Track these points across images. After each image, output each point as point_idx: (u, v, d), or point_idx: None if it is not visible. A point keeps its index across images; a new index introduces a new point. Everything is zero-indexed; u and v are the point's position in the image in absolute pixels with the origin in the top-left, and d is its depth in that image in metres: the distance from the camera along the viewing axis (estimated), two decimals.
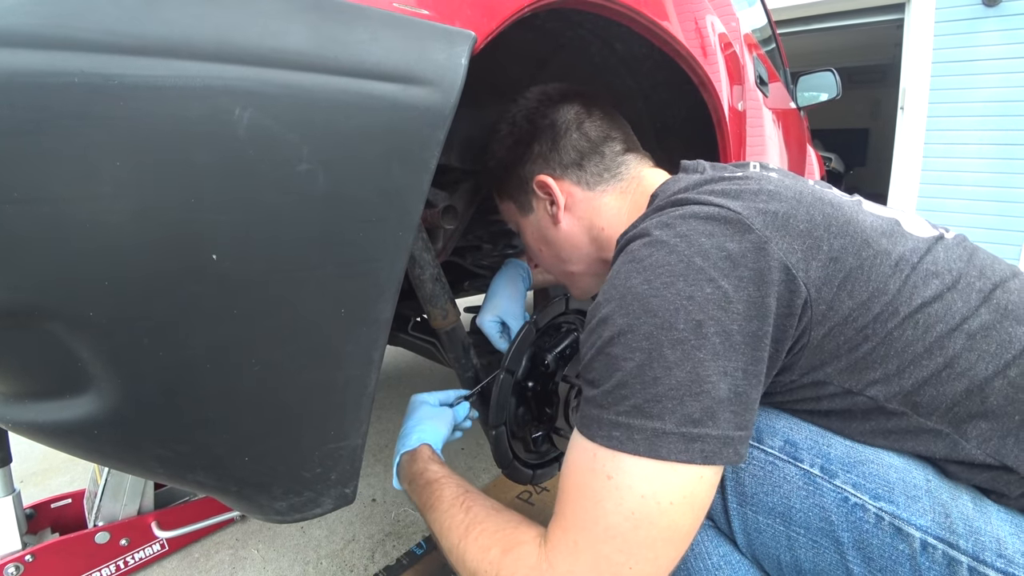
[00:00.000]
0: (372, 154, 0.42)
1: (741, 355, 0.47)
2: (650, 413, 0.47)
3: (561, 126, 0.73)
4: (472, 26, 0.48)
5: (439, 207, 0.85)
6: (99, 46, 0.32)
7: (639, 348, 0.48)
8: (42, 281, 0.34)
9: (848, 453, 0.51)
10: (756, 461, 0.53)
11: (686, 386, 0.46)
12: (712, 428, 0.46)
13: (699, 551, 0.57)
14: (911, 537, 0.47)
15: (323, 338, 0.45)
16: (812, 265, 0.49)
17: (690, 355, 0.46)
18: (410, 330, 1.28)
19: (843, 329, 0.50)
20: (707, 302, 0.47)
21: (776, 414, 0.55)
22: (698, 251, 0.49)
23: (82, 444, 0.44)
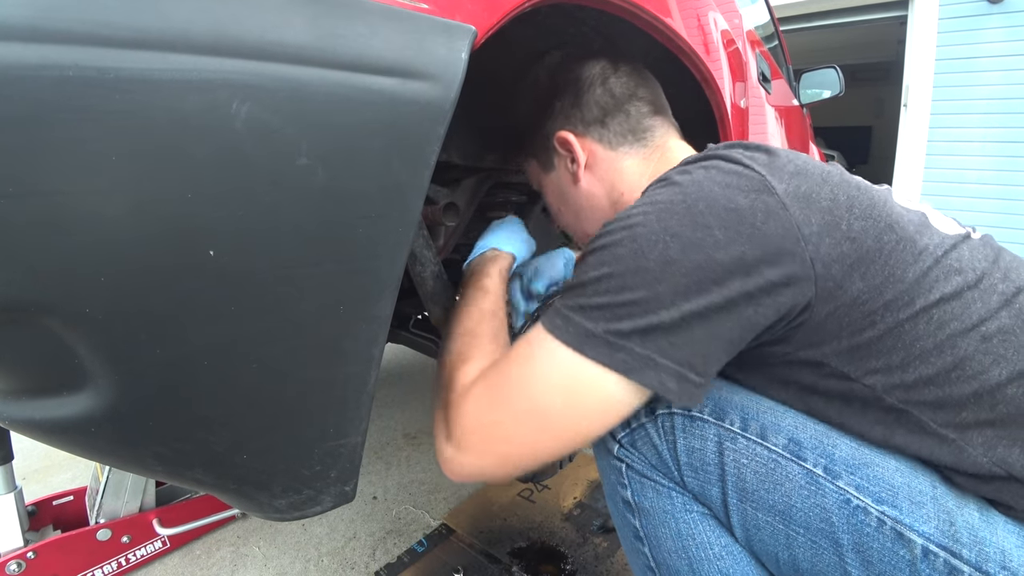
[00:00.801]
0: (371, 149, 0.42)
1: (704, 301, 0.47)
2: (589, 315, 0.49)
3: (585, 81, 0.72)
4: (473, 21, 0.48)
5: (440, 204, 0.84)
6: (94, 39, 0.31)
7: (606, 263, 0.50)
8: (38, 277, 0.34)
9: (853, 455, 0.50)
10: (759, 458, 0.53)
11: (630, 306, 0.48)
12: (638, 346, 0.47)
13: (701, 541, 0.57)
14: (913, 543, 0.46)
15: (322, 335, 0.45)
16: (825, 241, 0.49)
17: (649, 286, 0.48)
18: (411, 327, 1.28)
19: (849, 311, 0.49)
20: (691, 245, 0.48)
21: (783, 412, 0.54)
22: (706, 197, 0.50)
23: (80, 442, 0.43)
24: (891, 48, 5.01)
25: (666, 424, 0.56)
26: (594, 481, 1.41)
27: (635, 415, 0.58)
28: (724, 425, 0.54)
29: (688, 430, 0.55)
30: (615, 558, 1.12)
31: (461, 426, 0.54)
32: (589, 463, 1.50)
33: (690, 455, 0.55)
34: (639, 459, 0.58)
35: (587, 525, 1.23)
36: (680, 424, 0.56)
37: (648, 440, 0.57)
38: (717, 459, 0.54)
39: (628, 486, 0.60)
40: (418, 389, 2.11)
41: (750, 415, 0.54)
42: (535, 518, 1.26)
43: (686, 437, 0.55)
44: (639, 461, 0.58)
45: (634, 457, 0.59)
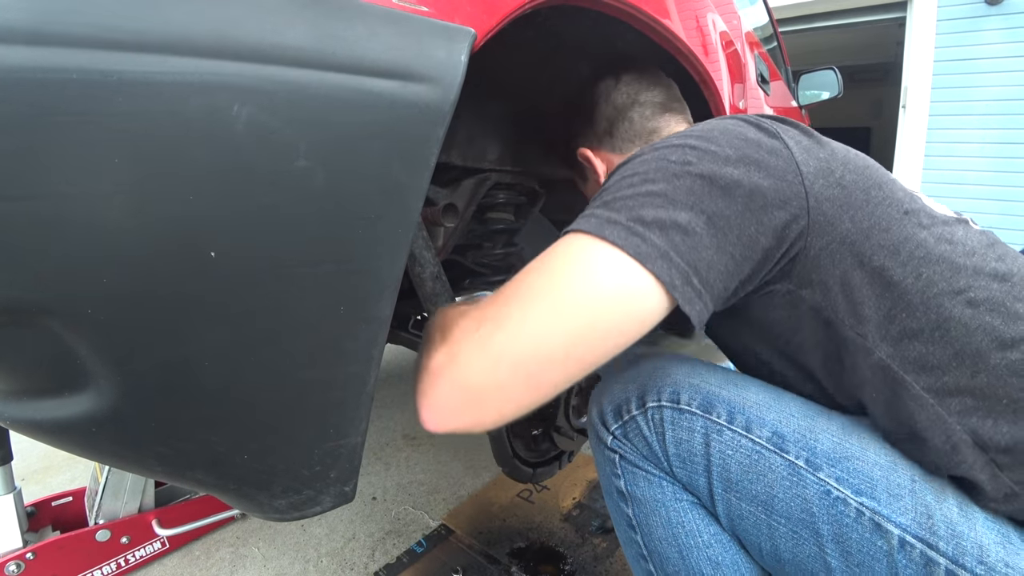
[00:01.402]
0: (371, 151, 0.42)
1: (713, 207, 0.50)
2: (612, 207, 0.51)
3: (589, 102, 0.82)
4: (472, 23, 0.48)
5: (439, 205, 0.85)
6: (97, 42, 0.31)
7: (629, 172, 0.54)
8: (40, 278, 0.34)
9: (834, 448, 0.52)
10: (743, 449, 0.54)
11: (652, 196, 0.50)
12: (656, 236, 0.48)
13: (690, 529, 0.58)
14: (889, 534, 0.48)
15: (323, 336, 0.45)
16: (819, 182, 0.53)
17: (669, 180, 0.51)
18: (410, 328, 1.28)
19: (840, 248, 0.53)
20: (706, 155, 0.52)
21: (768, 406, 0.56)
22: (719, 127, 0.56)
23: (81, 442, 0.43)
24: (890, 49, 5.02)
25: (655, 416, 0.58)
26: (593, 481, 1.41)
27: (627, 408, 0.60)
28: (711, 418, 0.56)
29: (676, 422, 0.57)
30: (614, 558, 1.12)
31: (455, 345, 0.50)
32: (588, 463, 1.50)
33: (678, 446, 0.57)
34: (631, 450, 0.60)
35: (586, 525, 1.23)
36: (669, 416, 0.58)
37: (639, 432, 0.60)
38: (704, 450, 0.56)
39: (621, 476, 0.62)
40: None
41: (736, 409, 0.56)
42: (534, 519, 1.26)
43: (674, 429, 0.57)
44: (631, 452, 0.61)
45: (627, 448, 0.61)
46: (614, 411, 0.62)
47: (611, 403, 0.62)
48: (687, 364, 0.63)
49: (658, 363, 0.63)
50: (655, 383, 0.60)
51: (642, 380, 0.61)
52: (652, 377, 0.61)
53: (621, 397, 0.62)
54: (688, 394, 0.58)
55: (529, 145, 1.08)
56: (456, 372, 0.49)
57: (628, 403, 0.61)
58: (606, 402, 0.63)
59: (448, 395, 0.49)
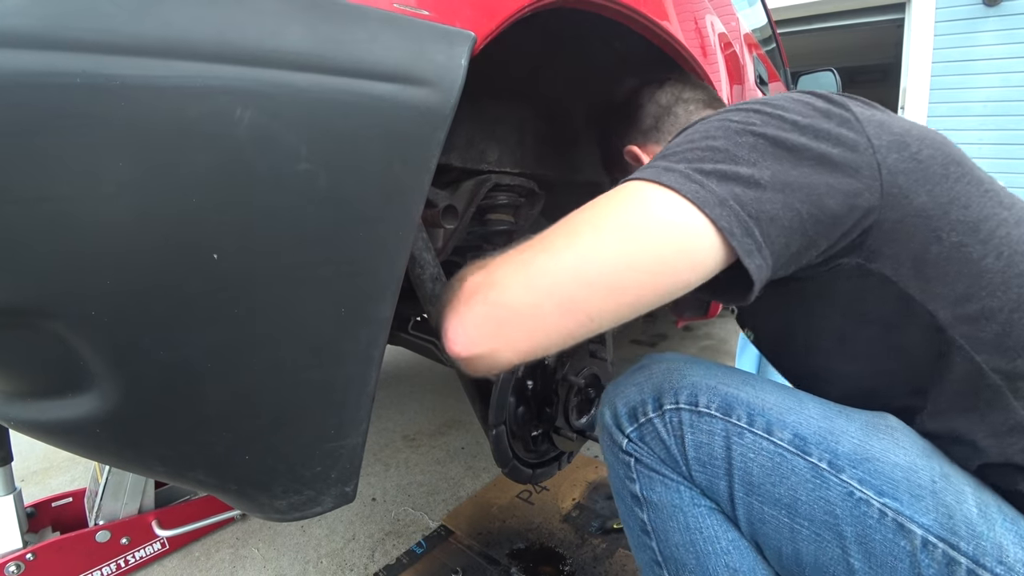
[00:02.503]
0: (372, 154, 0.42)
1: (779, 168, 0.48)
2: (669, 159, 0.50)
3: (633, 104, 0.85)
4: (472, 26, 0.49)
5: (439, 207, 0.85)
6: (101, 47, 0.32)
7: (689, 132, 0.53)
8: (44, 281, 0.34)
9: (856, 449, 0.51)
10: (765, 452, 0.53)
11: (712, 151, 0.49)
12: (715, 184, 0.47)
13: (708, 535, 0.57)
14: (912, 534, 0.47)
15: (323, 337, 0.45)
16: (893, 155, 0.52)
17: (730, 138, 0.50)
18: (410, 329, 1.28)
19: (916, 221, 0.51)
20: (771, 120, 0.51)
21: (788, 408, 0.55)
22: (784, 97, 0.55)
23: (83, 442, 0.44)
24: (888, 51, 5.03)
25: (674, 419, 0.57)
26: (592, 482, 1.41)
27: (643, 410, 0.59)
28: (731, 420, 0.55)
29: (696, 425, 0.56)
30: (613, 559, 1.12)
31: (493, 267, 0.51)
32: (587, 464, 1.50)
33: (698, 449, 0.56)
34: (647, 453, 0.59)
35: (586, 526, 1.23)
36: (688, 419, 0.56)
37: (656, 435, 0.58)
38: (724, 453, 0.55)
39: (636, 480, 0.60)
40: (417, 391, 2.11)
41: (755, 411, 0.55)
42: (534, 519, 1.26)
43: (694, 432, 0.56)
44: (647, 455, 0.59)
45: (643, 451, 0.59)
46: (629, 413, 0.60)
47: (626, 405, 0.61)
48: (702, 365, 0.61)
49: (672, 365, 0.62)
50: (671, 385, 0.59)
51: (657, 382, 0.60)
52: (668, 379, 0.59)
53: (636, 399, 0.60)
54: (707, 396, 0.57)
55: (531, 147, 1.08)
56: (492, 290, 0.48)
57: (644, 405, 0.59)
58: (620, 404, 0.61)
59: (481, 313, 0.48)
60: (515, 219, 1.05)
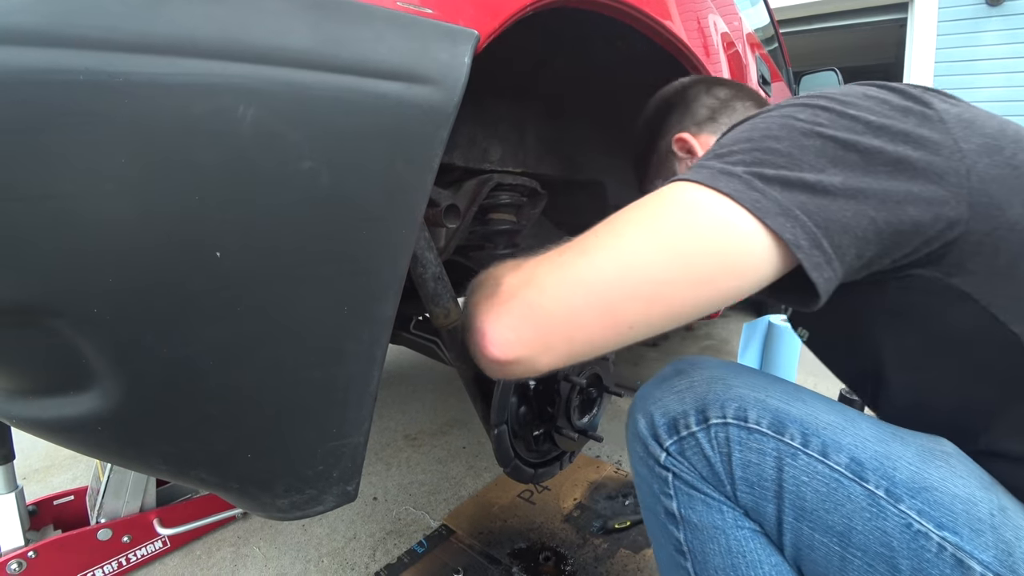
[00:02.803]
0: (375, 152, 0.42)
1: (852, 177, 0.44)
2: (726, 160, 0.46)
3: (691, 94, 0.82)
4: (475, 25, 0.49)
5: (442, 206, 0.85)
6: (104, 44, 0.32)
7: (748, 127, 0.49)
8: (47, 279, 0.34)
9: (913, 478, 0.48)
10: (820, 476, 0.50)
11: (774, 155, 0.45)
12: (778, 192, 0.43)
13: (752, 559, 0.54)
14: (972, 571, 0.45)
15: (326, 336, 0.45)
16: (984, 160, 0.47)
17: (796, 141, 0.46)
18: (412, 329, 1.28)
19: (1008, 235, 0.47)
20: (841, 120, 0.46)
21: (842, 427, 0.52)
22: (855, 92, 0.50)
23: (85, 440, 0.44)
24: (891, 51, 5.02)
25: (720, 435, 0.53)
26: (594, 482, 1.41)
27: (685, 423, 0.55)
28: (784, 439, 0.51)
29: (745, 443, 0.52)
30: (615, 559, 1.12)
31: (531, 269, 0.48)
32: (589, 464, 1.50)
33: (746, 469, 0.52)
34: (688, 470, 0.55)
35: (587, 526, 1.23)
36: (736, 436, 0.53)
37: (699, 450, 0.54)
38: (775, 475, 0.51)
39: (674, 497, 0.56)
40: (419, 391, 2.11)
41: (810, 430, 0.51)
42: (535, 519, 1.26)
43: (742, 450, 0.52)
44: (688, 472, 0.55)
45: (682, 467, 0.55)
46: (668, 424, 0.56)
47: (665, 415, 0.56)
48: (746, 374, 0.57)
49: (715, 373, 0.57)
50: (717, 396, 0.54)
51: (700, 392, 0.55)
52: (712, 389, 0.55)
53: (677, 409, 0.55)
54: (756, 411, 0.52)
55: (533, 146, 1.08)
56: (531, 293, 0.46)
57: (686, 417, 0.55)
58: (658, 413, 0.57)
59: (519, 317, 0.46)
60: (517, 218, 1.05)
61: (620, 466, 1.50)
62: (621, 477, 1.44)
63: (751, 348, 1.91)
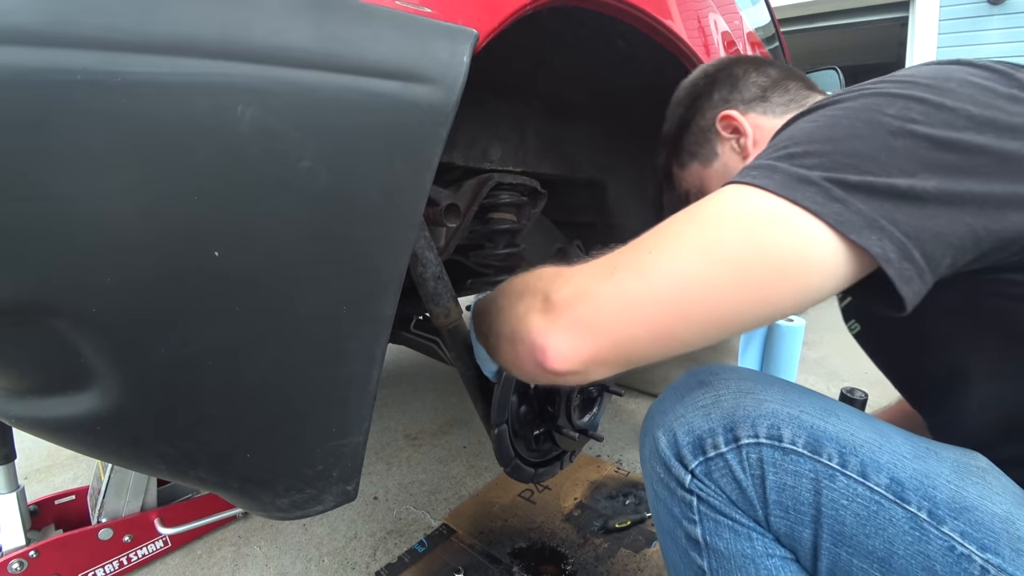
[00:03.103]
0: (374, 151, 0.42)
1: (944, 171, 0.40)
2: (801, 162, 0.42)
3: (738, 72, 0.76)
4: (474, 24, 0.48)
5: (441, 205, 0.85)
6: (103, 43, 0.32)
7: (827, 121, 0.43)
8: (46, 278, 0.34)
9: (954, 497, 0.46)
10: (860, 499, 0.47)
11: (857, 157, 0.41)
12: (861, 202, 0.40)
13: None
14: None
15: (325, 335, 0.45)
16: None
17: (883, 140, 0.41)
18: (412, 328, 1.28)
19: None
20: (936, 114, 0.42)
21: (878, 445, 0.49)
22: (954, 79, 0.44)
23: (85, 440, 0.44)
24: (892, 49, 5.02)
25: (752, 456, 0.50)
26: (594, 482, 1.41)
27: (713, 443, 0.51)
28: (821, 460, 0.48)
29: (780, 465, 0.49)
30: (615, 558, 1.12)
31: (584, 284, 0.46)
32: (589, 464, 1.50)
33: (781, 492, 0.49)
34: (715, 493, 0.51)
35: (588, 526, 1.23)
36: (770, 457, 0.49)
37: (729, 473, 0.50)
38: (813, 498, 0.48)
39: (699, 523, 0.52)
40: (419, 390, 2.11)
41: (847, 449, 0.48)
42: (536, 519, 1.26)
43: (777, 472, 0.49)
44: (715, 496, 0.51)
45: (709, 490, 0.51)
46: (694, 444, 0.52)
47: (689, 434, 0.52)
48: (775, 386, 0.54)
49: (741, 384, 0.53)
50: (747, 413, 0.51)
51: (728, 407, 0.52)
52: (741, 405, 0.51)
53: (703, 427, 0.52)
54: (791, 430, 0.49)
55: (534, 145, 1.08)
56: (587, 311, 0.45)
57: (714, 436, 0.51)
58: (681, 432, 0.53)
59: (576, 335, 0.46)
60: (517, 218, 1.05)
61: (620, 465, 1.50)
62: (622, 476, 1.44)
63: (751, 348, 1.91)
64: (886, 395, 0.80)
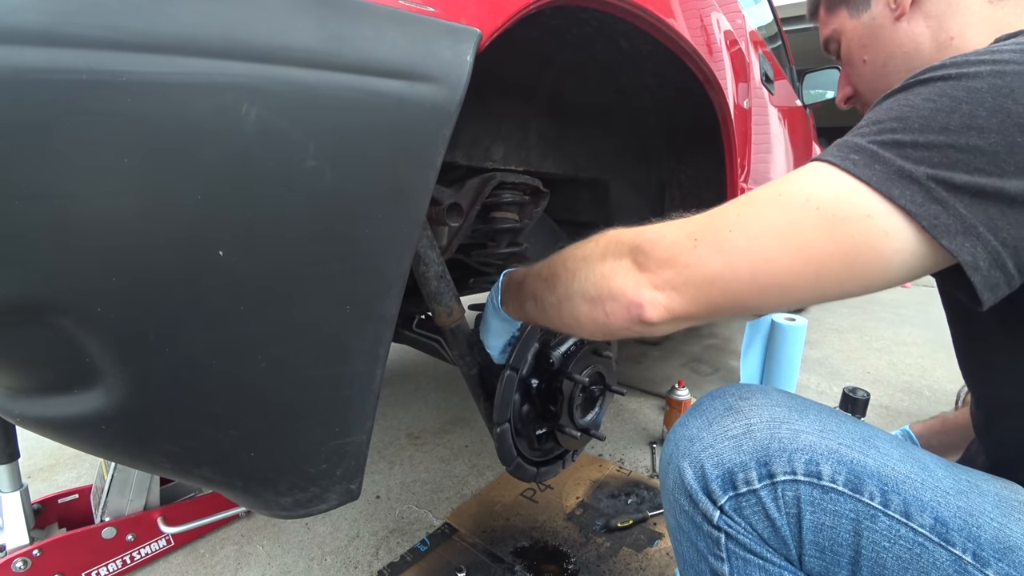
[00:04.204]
0: (378, 151, 0.42)
1: None
2: (907, 153, 0.39)
3: None
4: (478, 23, 0.48)
5: (444, 204, 0.85)
6: (107, 43, 0.32)
7: (951, 96, 0.39)
8: (51, 277, 0.34)
9: (998, 536, 0.44)
10: (903, 541, 0.45)
11: (972, 153, 0.37)
12: (963, 206, 0.37)
13: None
14: None
15: (328, 334, 0.45)
16: None
17: (1007, 133, 0.37)
18: (415, 327, 1.28)
19: None
20: None
21: (921, 482, 0.47)
22: None
23: (90, 439, 0.44)
24: None
25: (789, 494, 0.47)
26: (596, 481, 1.41)
27: (745, 478, 0.49)
28: (863, 499, 0.46)
29: (818, 504, 0.47)
30: (617, 558, 1.12)
31: (666, 254, 0.47)
32: (591, 463, 1.50)
33: (818, 533, 0.47)
34: (746, 531, 0.49)
35: (590, 525, 1.23)
36: (808, 495, 0.47)
37: (761, 510, 0.48)
38: (852, 540, 0.46)
39: (726, 561, 0.50)
40: (422, 389, 2.11)
41: (890, 486, 0.46)
42: (538, 518, 1.26)
43: (815, 512, 0.47)
44: (746, 534, 0.49)
45: (739, 528, 0.49)
46: (724, 478, 0.49)
47: (719, 466, 0.49)
48: (810, 413, 0.51)
49: (775, 412, 0.51)
50: (783, 446, 0.48)
51: (762, 439, 0.49)
52: (776, 436, 0.49)
53: (734, 460, 0.49)
54: (831, 466, 0.47)
55: (536, 145, 1.08)
56: (674, 275, 0.47)
57: (746, 470, 0.48)
58: (710, 464, 0.50)
59: (667, 293, 0.47)
60: (520, 217, 1.05)
61: (623, 464, 1.50)
62: (624, 476, 1.43)
63: (754, 347, 1.91)
64: (887, 395, 0.79)
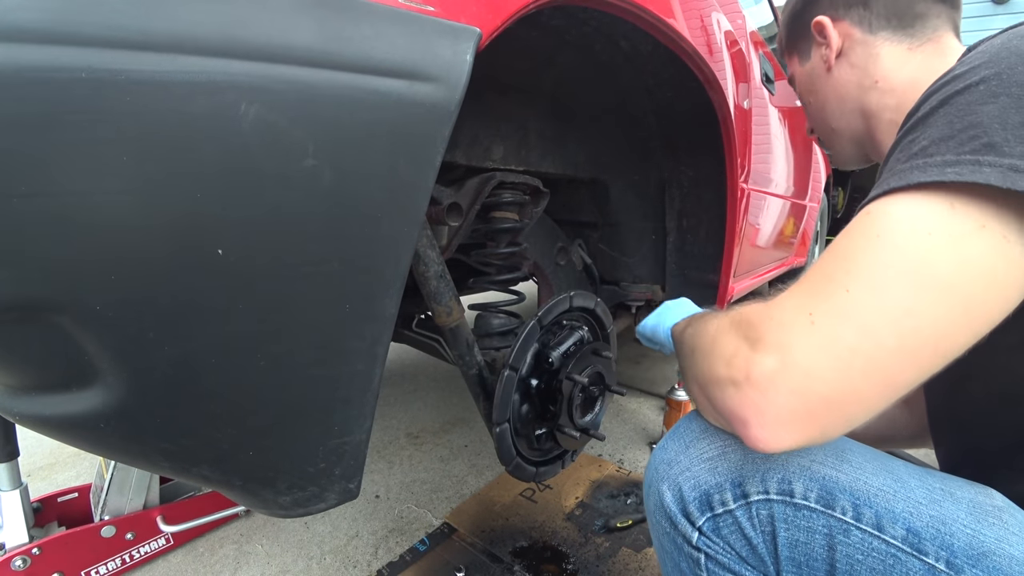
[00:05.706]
0: (377, 150, 0.42)
1: None
2: (1005, 151, 0.37)
3: None
4: (477, 23, 0.48)
5: (444, 204, 0.85)
6: (106, 41, 0.32)
7: (1006, 93, 0.38)
8: (49, 275, 0.34)
9: (971, 543, 0.44)
10: (875, 553, 0.46)
11: None
12: None
13: None
14: None
15: (328, 333, 0.45)
16: None
17: None
18: (414, 327, 1.28)
19: None
20: None
21: (893, 492, 0.47)
22: None
23: (88, 437, 0.44)
24: None
25: (763, 513, 0.48)
26: (596, 481, 1.41)
27: (720, 499, 0.50)
28: (835, 515, 0.47)
29: (792, 521, 0.48)
30: (616, 558, 1.12)
31: (782, 344, 0.42)
32: (591, 463, 1.50)
33: (793, 549, 0.48)
34: (724, 551, 0.50)
35: (589, 525, 1.23)
36: (781, 513, 0.48)
37: (738, 530, 0.49)
38: (827, 554, 0.47)
39: None
40: (421, 389, 2.11)
41: (861, 500, 0.47)
42: (537, 518, 1.26)
43: (789, 528, 0.48)
44: (724, 553, 0.50)
45: (717, 548, 0.50)
46: (701, 500, 0.50)
47: (695, 488, 0.51)
48: None
49: None
50: (755, 467, 0.49)
51: (735, 461, 0.50)
52: (748, 457, 0.50)
53: (710, 482, 0.50)
54: (803, 483, 0.48)
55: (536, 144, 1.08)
56: (795, 379, 0.41)
57: (721, 491, 0.50)
58: (687, 486, 0.51)
59: (789, 407, 0.41)
60: (520, 217, 1.05)
61: (622, 465, 1.50)
62: (623, 476, 1.44)
63: None
64: None
